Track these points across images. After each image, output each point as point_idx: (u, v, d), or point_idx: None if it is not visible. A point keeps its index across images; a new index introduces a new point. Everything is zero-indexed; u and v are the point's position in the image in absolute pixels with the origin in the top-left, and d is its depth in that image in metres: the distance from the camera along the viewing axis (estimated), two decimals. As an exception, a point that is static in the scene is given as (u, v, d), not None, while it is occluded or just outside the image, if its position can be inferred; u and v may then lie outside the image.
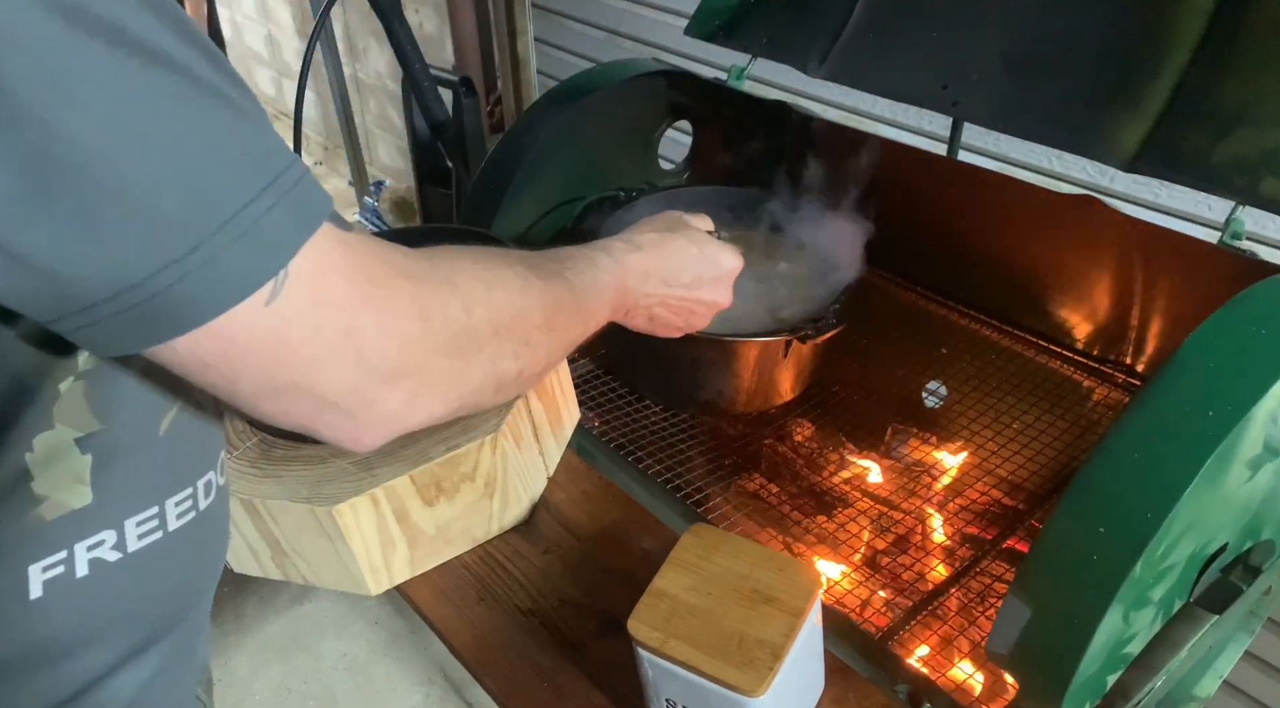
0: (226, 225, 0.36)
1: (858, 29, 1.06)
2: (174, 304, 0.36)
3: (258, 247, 0.37)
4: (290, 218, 0.38)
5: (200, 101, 0.36)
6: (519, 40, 2.37)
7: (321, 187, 0.41)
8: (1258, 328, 0.65)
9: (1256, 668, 1.37)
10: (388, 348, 0.43)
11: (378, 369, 0.43)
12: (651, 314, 0.74)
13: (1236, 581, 0.72)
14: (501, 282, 0.52)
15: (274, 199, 0.37)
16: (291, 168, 0.39)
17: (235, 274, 0.37)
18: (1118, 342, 1.01)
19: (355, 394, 0.43)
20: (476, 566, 0.84)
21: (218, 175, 0.36)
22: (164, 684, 0.50)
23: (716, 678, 0.61)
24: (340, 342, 0.41)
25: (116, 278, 0.35)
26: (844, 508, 0.99)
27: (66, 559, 0.44)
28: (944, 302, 1.13)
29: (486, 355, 0.50)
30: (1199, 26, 0.82)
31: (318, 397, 0.42)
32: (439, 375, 0.46)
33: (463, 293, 0.48)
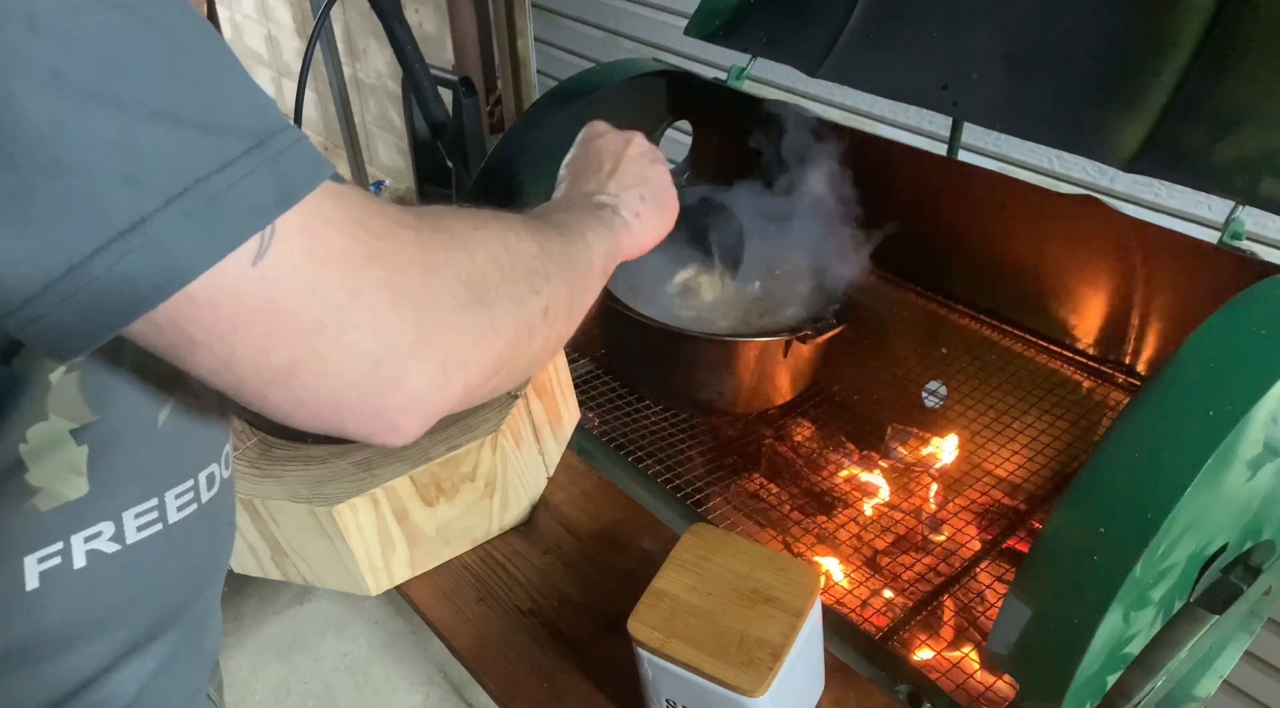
0: (204, 181, 0.32)
1: (858, 29, 1.06)
2: (140, 270, 0.32)
3: (234, 205, 0.33)
4: (277, 177, 0.35)
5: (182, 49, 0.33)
6: (519, 40, 2.37)
7: (317, 152, 0.38)
8: (1258, 328, 0.65)
9: (1256, 668, 1.37)
10: (403, 308, 0.38)
11: (398, 335, 0.38)
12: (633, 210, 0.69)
13: (1236, 581, 0.72)
14: (484, 222, 0.48)
15: (257, 161, 0.34)
16: (282, 132, 0.36)
17: (204, 234, 0.33)
18: (1118, 342, 1.01)
19: (378, 370, 0.38)
20: (476, 566, 0.84)
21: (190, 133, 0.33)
22: (170, 679, 0.50)
23: (716, 678, 0.61)
24: (346, 302, 0.36)
25: (61, 258, 0.31)
26: (844, 508, 0.99)
27: (63, 550, 0.43)
28: (944, 302, 1.13)
29: (507, 297, 0.45)
30: (1199, 26, 0.82)
31: (333, 377, 0.37)
32: (467, 333, 0.42)
33: (461, 237, 0.44)
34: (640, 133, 0.75)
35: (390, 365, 0.38)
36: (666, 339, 0.99)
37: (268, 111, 0.36)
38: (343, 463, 0.77)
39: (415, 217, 0.42)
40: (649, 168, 0.72)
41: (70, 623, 0.45)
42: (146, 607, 0.48)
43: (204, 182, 0.33)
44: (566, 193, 0.70)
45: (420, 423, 0.41)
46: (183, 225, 0.32)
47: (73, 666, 0.45)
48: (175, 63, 0.33)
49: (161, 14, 0.33)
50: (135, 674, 0.48)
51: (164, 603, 0.49)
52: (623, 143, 0.73)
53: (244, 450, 0.80)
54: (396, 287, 0.38)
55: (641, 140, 0.74)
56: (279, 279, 0.35)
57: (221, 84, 0.35)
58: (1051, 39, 0.91)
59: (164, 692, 0.50)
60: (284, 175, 0.35)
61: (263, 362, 0.36)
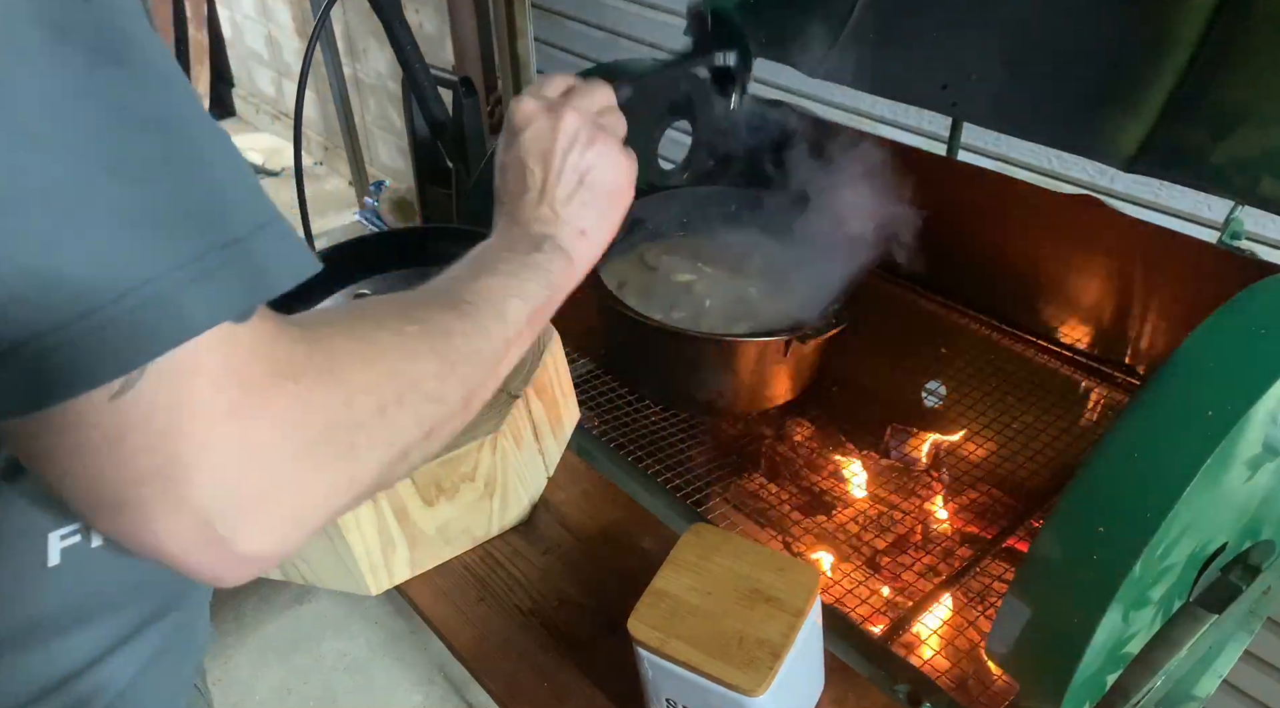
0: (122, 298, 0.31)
1: (858, 29, 1.06)
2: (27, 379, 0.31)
3: (142, 328, 0.32)
4: (203, 298, 0.33)
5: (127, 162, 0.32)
6: (519, 40, 2.37)
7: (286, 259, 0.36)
8: (1258, 328, 0.65)
9: (1256, 668, 1.37)
10: (251, 469, 0.36)
11: (237, 497, 0.36)
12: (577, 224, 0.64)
13: (1236, 580, 0.72)
14: (380, 351, 0.44)
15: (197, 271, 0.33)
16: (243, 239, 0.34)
17: (98, 358, 0.31)
18: (1118, 342, 1.01)
19: (207, 528, 0.35)
20: (476, 566, 0.84)
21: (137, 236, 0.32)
22: (164, 665, 0.51)
23: (716, 678, 0.61)
24: (190, 457, 0.34)
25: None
26: (844, 508, 0.99)
27: (83, 528, 0.44)
28: (944, 302, 1.13)
29: (380, 442, 0.43)
30: (1199, 26, 0.82)
31: (158, 523, 0.35)
32: (318, 491, 0.39)
33: (344, 381, 0.40)
34: (570, 109, 0.64)
35: (222, 526, 0.36)
36: (666, 339, 0.99)
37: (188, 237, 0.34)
38: (343, 463, 0.77)
39: (304, 354, 0.39)
40: (587, 154, 0.64)
41: (80, 603, 0.46)
42: (150, 590, 0.49)
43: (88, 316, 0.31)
44: (501, 228, 0.64)
45: (250, 574, 0.39)
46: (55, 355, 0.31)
47: (77, 646, 0.46)
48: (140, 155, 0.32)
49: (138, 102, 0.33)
50: (133, 658, 0.49)
51: (165, 588, 0.50)
52: (550, 131, 0.63)
53: (244, 450, 0.80)
54: (251, 446, 0.36)
55: (571, 120, 0.64)
56: (131, 421, 0.33)
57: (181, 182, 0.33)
58: (1051, 39, 0.91)
59: (158, 677, 0.51)
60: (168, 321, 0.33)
61: (92, 492, 0.35)
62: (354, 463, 0.41)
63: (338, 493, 0.41)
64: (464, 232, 0.99)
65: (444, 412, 0.48)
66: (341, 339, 0.42)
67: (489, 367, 0.53)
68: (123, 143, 0.32)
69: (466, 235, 0.99)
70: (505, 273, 0.58)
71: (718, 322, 1.06)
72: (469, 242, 0.59)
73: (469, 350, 0.51)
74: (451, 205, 1.49)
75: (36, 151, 0.30)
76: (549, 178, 0.63)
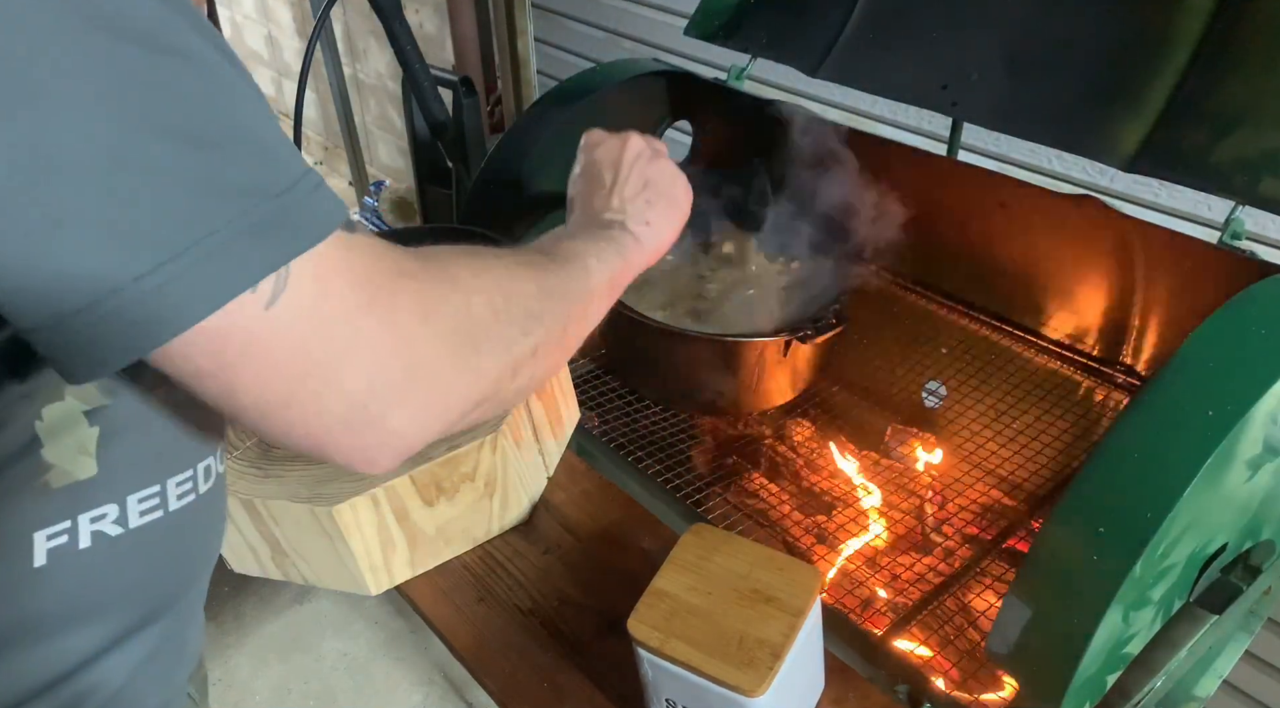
0: (224, 227, 0.35)
1: (858, 29, 1.06)
2: (161, 306, 0.35)
3: (255, 247, 0.36)
4: (294, 225, 0.38)
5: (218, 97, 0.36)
6: (519, 40, 2.36)
7: (335, 197, 0.41)
8: (1258, 328, 0.65)
9: (1256, 668, 1.37)
10: (395, 353, 0.41)
11: (387, 378, 0.41)
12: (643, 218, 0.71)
13: (1236, 580, 0.72)
14: (487, 267, 0.51)
15: (280, 207, 0.37)
16: (304, 178, 0.38)
17: (227, 272, 0.36)
18: (1118, 342, 1.01)
19: (365, 408, 0.41)
20: (476, 566, 0.84)
21: (224, 178, 0.36)
22: (154, 671, 0.51)
23: (716, 678, 0.61)
24: (343, 346, 0.39)
25: (98, 283, 0.33)
26: (844, 508, 0.99)
27: (70, 529, 0.44)
28: (944, 302, 1.13)
29: (497, 340, 0.48)
30: (1199, 26, 0.82)
31: (323, 412, 0.40)
32: (453, 376, 0.45)
33: (461, 284, 0.47)
34: (635, 133, 0.75)
35: (376, 406, 0.41)
36: (666, 339, 0.99)
37: (288, 162, 0.38)
38: (343, 463, 0.77)
39: (419, 262, 0.45)
40: (650, 167, 0.73)
41: (70, 605, 0.46)
42: (141, 594, 0.49)
43: (223, 229, 0.35)
44: (577, 217, 0.72)
45: (397, 458, 0.44)
46: (202, 268, 0.35)
47: (67, 648, 0.46)
48: (203, 113, 0.36)
49: (189, 62, 0.36)
50: (123, 663, 0.49)
51: (157, 590, 0.50)
52: (620, 147, 0.74)
53: (244, 451, 0.80)
54: (391, 333, 0.41)
55: (637, 140, 0.75)
56: (287, 324, 0.38)
57: (246, 135, 0.37)
58: (1051, 39, 0.91)
59: (148, 683, 0.51)
60: (298, 226, 0.38)
61: (261, 395, 0.39)
62: (477, 356, 0.46)
63: (467, 382, 0.45)
64: (464, 232, 0.98)
65: (545, 333, 0.53)
66: (450, 255, 0.49)
67: (580, 305, 0.59)
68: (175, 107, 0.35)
69: (466, 235, 0.99)
70: (584, 239, 0.65)
71: (718, 322, 1.06)
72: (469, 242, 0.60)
73: (561, 285, 0.57)
74: (451, 205, 1.49)
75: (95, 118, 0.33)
76: (618, 179, 0.72)
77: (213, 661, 1.85)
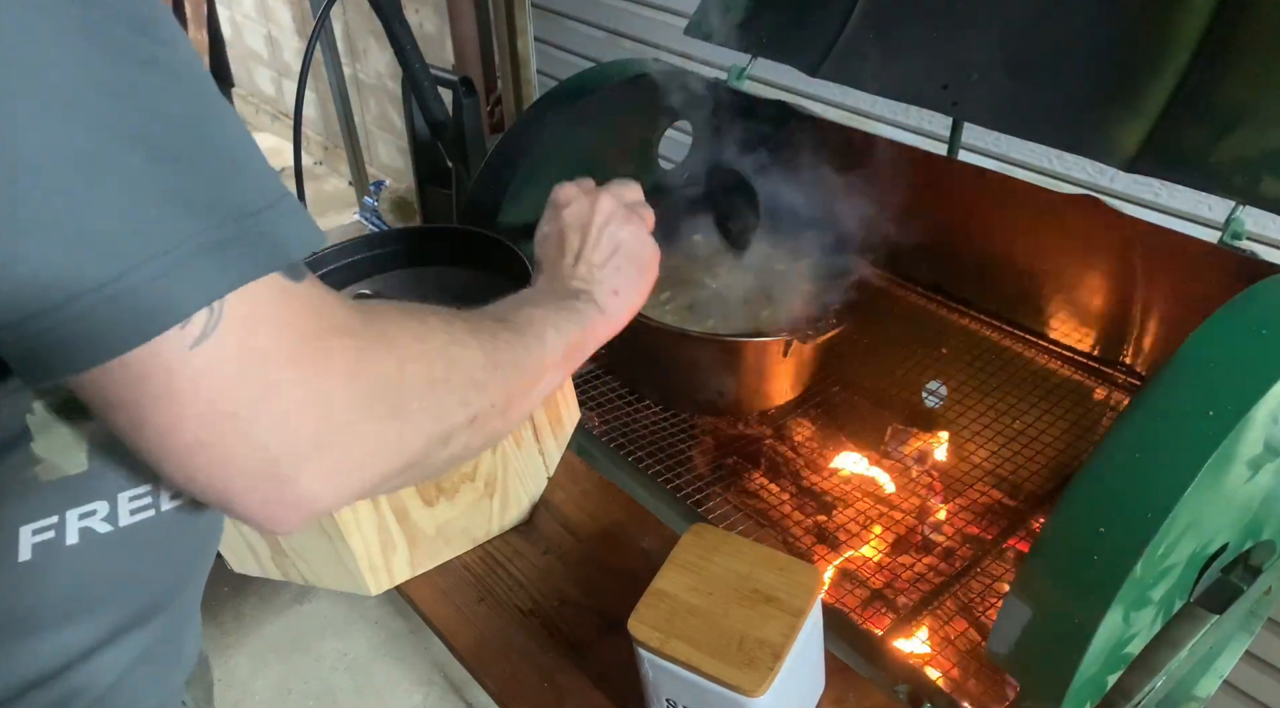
0: (175, 248, 0.34)
1: (858, 29, 1.06)
2: (89, 331, 0.34)
3: (189, 281, 0.35)
4: (237, 258, 0.36)
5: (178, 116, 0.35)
6: (519, 40, 2.36)
7: (308, 224, 0.40)
8: (1258, 328, 0.65)
9: (1256, 668, 1.37)
10: (313, 412, 0.39)
11: (302, 435, 0.39)
12: (611, 286, 0.70)
13: (1236, 580, 0.72)
14: (432, 332, 0.48)
15: (226, 235, 0.36)
16: (266, 208, 0.37)
17: (157, 306, 0.34)
18: (1118, 342, 1.01)
19: (275, 465, 0.39)
20: (476, 566, 0.84)
21: (170, 204, 0.35)
22: (147, 672, 0.50)
23: (716, 678, 0.61)
24: (262, 399, 0.38)
25: (32, 299, 0.33)
26: (844, 508, 0.99)
27: (58, 525, 0.44)
28: (944, 302, 1.13)
29: (427, 411, 0.46)
30: (1199, 26, 0.82)
31: (231, 464, 0.38)
32: (370, 443, 0.42)
33: (399, 348, 0.44)
34: (607, 192, 0.73)
35: (288, 465, 0.39)
36: (666, 339, 0.99)
37: (259, 183, 0.38)
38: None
39: (360, 320, 0.43)
40: (621, 230, 0.72)
41: (56, 601, 0.45)
42: (132, 593, 0.49)
43: (174, 250, 0.34)
44: (542, 282, 0.70)
45: (304, 521, 0.42)
46: (135, 296, 0.34)
47: (54, 646, 0.46)
48: (168, 132, 0.35)
49: (168, 74, 0.35)
50: (113, 663, 0.48)
51: (148, 590, 0.50)
52: (589, 209, 0.72)
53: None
54: (314, 391, 0.39)
55: (607, 201, 0.72)
56: (209, 367, 0.36)
57: (222, 152, 0.37)
58: (1051, 39, 0.91)
59: (141, 684, 0.50)
60: (256, 250, 0.37)
61: (169, 437, 0.37)
62: (403, 424, 0.44)
63: (387, 450, 0.43)
64: (464, 232, 0.98)
65: (487, 404, 0.51)
66: (395, 314, 0.47)
67: (528, 379, 0.57)
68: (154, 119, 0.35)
69: (466, 235, 0.99)
70: (545, 308, 0.63)
71: (718, 322, 1.06)
72: (469, 242, 0.60)
73: (511, 356, 0.55)
74: (451, 205, 1.49)
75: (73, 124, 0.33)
76: (586, 245, 0.71)
77: (213, 660, 1.85)
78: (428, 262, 0.99)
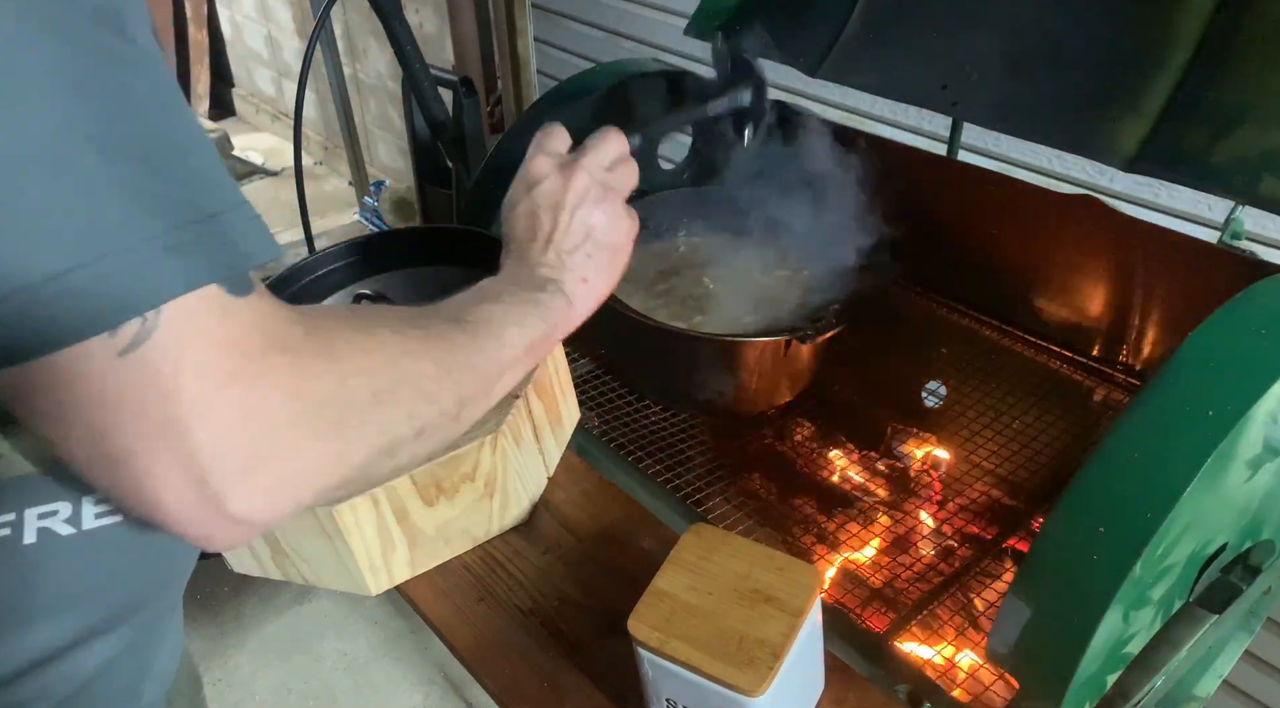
0: (108, 257, 0.33)
1: (858, 29, 1.06)
2: (20, 328, 0.33)
3: (129, 285, 0.34)
4: (183, 265, 0.35)
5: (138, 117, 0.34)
6: (519, 40, 2.37)
7: (261, 234, 0.38)
8: (1258, 328, 0.65)
9: (1256, 668, 1.37)
10: (248, 430, 0.38)
11: (233, 454, 0.37)
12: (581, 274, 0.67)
13: (1236, 580, 0.72)
14: (380, 343, 0.46)
15: (176, 240, 0.35)
16: (221, 214, 0.36)
17: (91, 309, 0.33)
18: (1118, 342, 1.01)
19: (203, 484, 0.37)
20: (476, 566, 0.84)
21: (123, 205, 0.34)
22: (113, 683, 0.49)
23: (716, 678, 0.61)
24: (193, 414, 0.36)
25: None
26: (844, 508, 0.99)
27: (14, 522, 0.43)
28: (944, 302, 1.13)
29: (370, 425, 0.45)
30: (1199, 26, 0.82)
31: (158, 478, 0.36)
32: (309, 460, 0.41)
33: (342, 363, 0.43)
34: (582, 167, 0.68)
35: (217, 482, 0.37)
36: (666, 339, 0.99)
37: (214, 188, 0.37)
38: (343, 463, 0.77)
39: (302, 335, 0.41)
40: (594, 212, 0.68)
41: (12, 602, 0.44)
42: (95, 600, 0.47)
43: (116, 251, 0.33)
44: (509, 268, 0.67)
45: (237, 538, 0.40)
46: (67, 297, 0.33)
47: (9, 650, 0.45)
48: (126, 130, 0.34)
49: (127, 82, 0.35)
50: (76, 670, 0.47)
51: (114, 599, 0.48)
52: (562, 188, 0.67)
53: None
54: (249, 409, 0.38)
55: (581, 179, 0.68)
56: (140, 377, 0.35)
57: (181, 154, 0.36)
58: (1051, 39, 0.91)
59: (105, 695, 0.49)
60: (201, 256, 0.35)
61: (96, 446, 0.36)
62: (344, 441, 0.43)
63: (326, 467, 0.42)
64: (464, 232, 0.99)
65: (436, 413, 0.50)
66: (341, 327, 0.45)
67: (484, 383, 0.55)
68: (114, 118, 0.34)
69: (466, 235, 0.99)
70: (508, 303, 0.61)
71: (718, 322, 1.06)
72: (469, 242, 0.60)
73: (466, 361, 0.53)
74: (451, 205, 1.49)
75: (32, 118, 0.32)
76: (557, 229, 0.67)
77: (213, 660, 1.85)
78: (428, 262, 0.99)
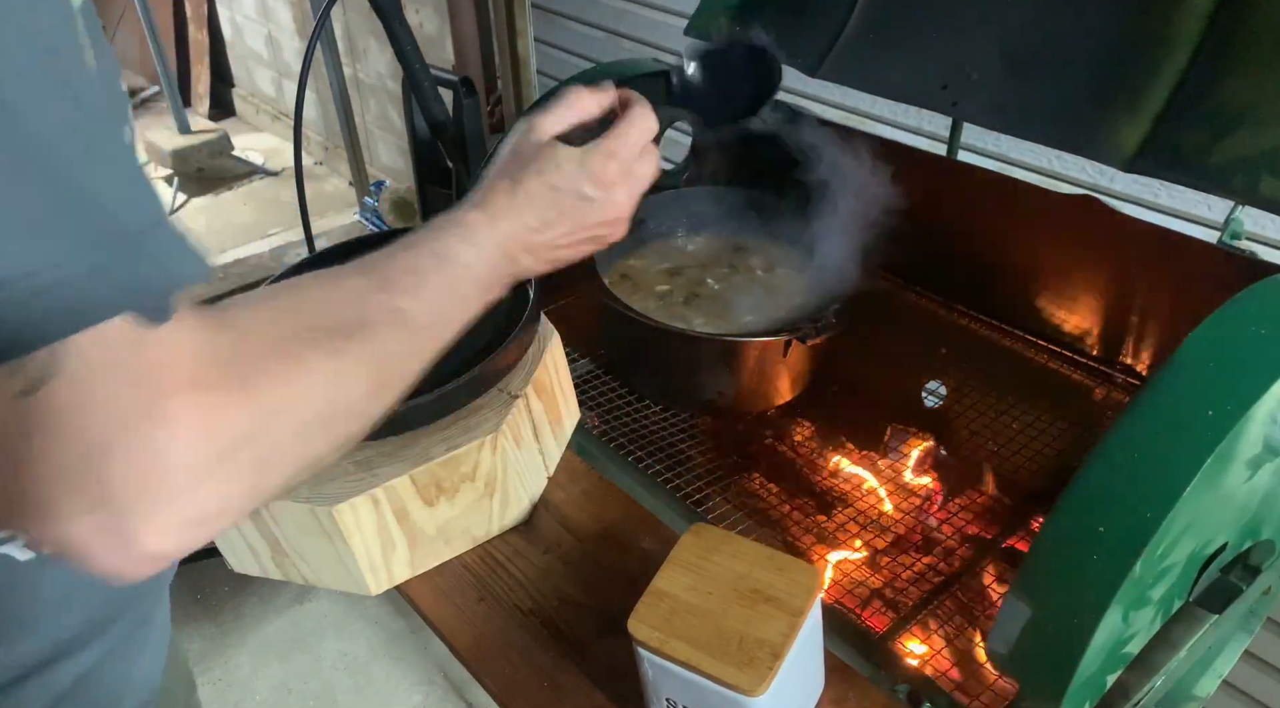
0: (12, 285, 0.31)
1: (858, 29, 1.06)
2: None
3: (24, 320, 0.31)
4: (88, 296, 0.33)
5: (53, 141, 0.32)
6: (519, 40, 2.37)
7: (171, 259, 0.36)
8: (1258, 328, 0.65)
9: (1256, 668, 1.37)
10: (160, 470, 0.36)
11: (143, 496, 0.36)
12: (552, 260, 0.64)
13: (1236, 580, 0.72)
14: (308, 372, 0.43)
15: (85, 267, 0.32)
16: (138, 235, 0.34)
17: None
18: (1118, 342, 1.01)
19: (113, 526, 0.35)
20: (476, 566, 0.84)
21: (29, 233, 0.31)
22: (82, 699, 0.49)
23: (716, 678, 0.61)
24: (98, 456, 0.34)
25: None
26: (844, 508, 0.99)
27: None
28: (944, 301, 1.13)
29: (289, 459, 0.43)
30: (1199, 27, 0.82)
31: (63, 520, 0.35)
32: (223, 497, 0.39)
33: (263, 402, 0.40)
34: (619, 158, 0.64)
35: (127, 522, 0.36)
36: (666, 339, 0.99)
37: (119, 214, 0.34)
38: (343, 463, 0.77)
39: (220, 371, 0.38)
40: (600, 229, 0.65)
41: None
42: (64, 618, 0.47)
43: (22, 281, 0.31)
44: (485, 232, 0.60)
45: (147, 571, 0.38)
46: None
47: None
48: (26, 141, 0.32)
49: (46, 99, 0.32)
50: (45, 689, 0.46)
51: (83, 617, 0.48)
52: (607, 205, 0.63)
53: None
54: (158, 450, 0.36)
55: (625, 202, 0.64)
56: (44, 418, 0.33)
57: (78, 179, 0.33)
58: (1051, 39, 0.91)
59: None
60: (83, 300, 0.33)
61: (2, 487, 0.35)
62: (261, 476, 0.41)
63: (243, 501, 0.41)
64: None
65: (363, 427, 0.48)
66: (268, 354, 0.42)
67: (416, 376, 0.53)
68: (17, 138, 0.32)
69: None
70: (465, 290, 0.57)
71: (718, 322, 1.06)
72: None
73: (404, 371, 0.51)
74: (451, 205, 1.49)
75: None
76: (565, 231, 0.62)
77: (212, 660, 1.85)
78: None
